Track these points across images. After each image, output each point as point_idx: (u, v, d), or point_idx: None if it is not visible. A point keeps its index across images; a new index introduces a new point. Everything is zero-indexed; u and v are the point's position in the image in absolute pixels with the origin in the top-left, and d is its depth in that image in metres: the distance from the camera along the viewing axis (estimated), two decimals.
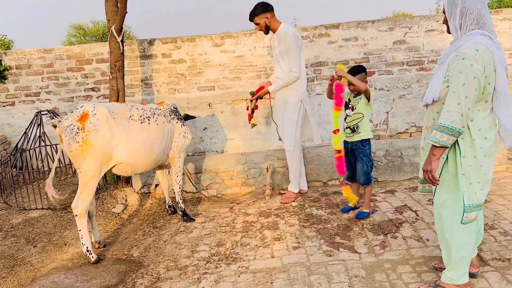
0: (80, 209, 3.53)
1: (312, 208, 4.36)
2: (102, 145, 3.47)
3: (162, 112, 4.09)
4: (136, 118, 3.76)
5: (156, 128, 3.89)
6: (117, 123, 3.58)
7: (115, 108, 3.66)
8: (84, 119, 3.41)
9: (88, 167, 3.47)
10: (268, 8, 4.33)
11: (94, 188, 3.59)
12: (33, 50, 5.95)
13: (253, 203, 4.69)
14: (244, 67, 5.95)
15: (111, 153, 3.57)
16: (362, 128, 3.84)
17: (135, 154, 3.72)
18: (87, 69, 5.97)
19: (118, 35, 4.92)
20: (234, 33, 5.91)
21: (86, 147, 3.39)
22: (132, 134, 3.68)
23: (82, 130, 3.37)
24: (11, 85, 6.00)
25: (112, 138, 3.53)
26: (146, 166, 3.91)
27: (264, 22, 4.34)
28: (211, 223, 4.28)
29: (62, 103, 6.03)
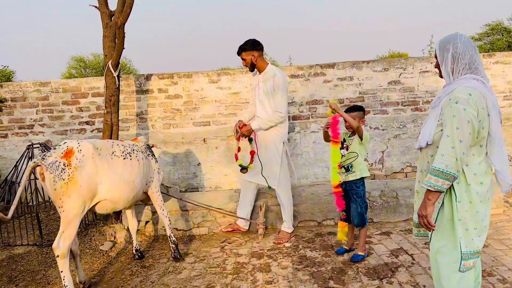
0: (61, 249, 3.35)
1: (306, 250, 4.24)
2: (87, 182, 3.38)
3: (139, 148, 4.06)
4: (118, 154, 3.71)
5: (137, 164, 3.85)
6: (102, 159, 3.52)
7: (99, 144, 3.61)
8: (70, 155, 3.31)
9: (72, 205, 3.33)
10: (257, 47, 4.39)
11: (77, 227, 3.44)
12: (29, 83, 5.96)
13: (245, 242, 4.56)
14: (240, 104, 5.96)
15: (96, 189, 3.48)
16: (356, 167, 3.79)
17: (118, 191, 3.65)
18: (82, 103, 5.96)
19: (114, 70, 4.94)
20: (230, 70, 5.96)
21: (72, 184, 3.28)
22: (115, 170, 3.62)
23: (68, 167, 3.27)
24: (5, 117, 5.97)
25: (97, 175, 3.46)
26: (127, 202, 3.84)
27: (251, 59, 4.39)
28: (201, 263, 4.14)
29: (56, 136, 5.98)
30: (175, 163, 5.97)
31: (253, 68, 4.47)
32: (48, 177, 3.24)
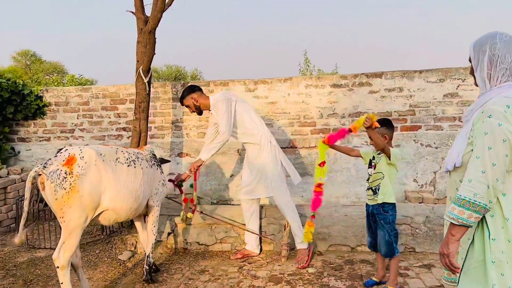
0: (61, 261, 3.21)
1: (331, 278, 3.79)
2: (90, 191, 3.19)
3: (144, 156, 3.82)
4: (122, 161, 3.50)
5: (141, 172, 3.62)
6: (106, 166, 3.32)
7: (102, 150, 3.42)
8: (72, 162, 3.13)
9: (73, 216, 3.16)
10: (194, 89, 4.32)
11: (78, 238, 3.26)
12: (72, 88, 6.09)
13: (267, 264, 4.20)
14: (277, 114, 5.64)
15: (99, 199, 3.29)
16: (381, 190, 3.31)
17: (121, 200, 3.43)
18: (120, 109, 5.97)
19: (145, 76, 4.85)
20: (268, 78, 5.66)
21: (73, 194, 3.10)
22: (119, 177, 3.41)
23: (70, 175, 3.09)
24: (49, 121, 6.14)
25: (101, 183, 3.27)
26: (130, 213, 3.60)
27: (192, 102, 4.29)
28: (214, 283, 3.84)
29: (94, 141, 6.04)
30: (207, 174, 5.77)
31: (200, 110, 4.36)
32: (48, 186, 3.08)
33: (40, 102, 6.03)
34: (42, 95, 6.10)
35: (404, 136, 5.46)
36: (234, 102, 4.20)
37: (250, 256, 4.42)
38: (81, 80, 22.66)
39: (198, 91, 4.30)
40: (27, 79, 19.20)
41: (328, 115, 5.58)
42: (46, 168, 3.10)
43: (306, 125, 5.63)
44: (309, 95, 5.60)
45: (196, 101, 4.27)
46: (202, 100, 4.28)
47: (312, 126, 5.62)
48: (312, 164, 5.58)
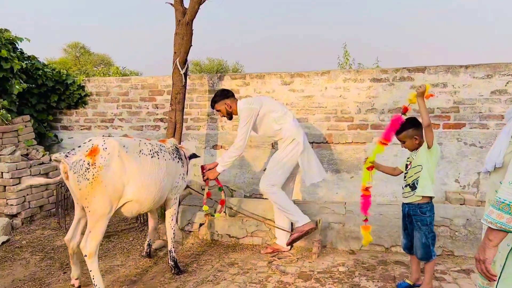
0: (89, 249, 3.28)
1: (362, 278, 3.68)
2: (113, 182, 3.22)
3: (166, 149, 3.84)
4: (146, 153, 3.52)
5: (164, 164, 3.66)
6: (129, 157, 3.34)
7: (125, 141, 3.44)
8: (94, 153, 3.16)
9: (98, 205, 3.21)
10: (228, 95, 4.28)
11: (104, 227, 3.32)
12: (112, 78, 6.23)
13: (297, 260, 4.13)
14: (313, 108, 5.53)
15: (122, 190, 3.32)
16: (420, 183, 3.15)
17: (145, 191, 3.46)
18: (158, 100, 6.05)
19: (181, 68, 4.88)
20: (305, 71, 5.55)
21: (97, 184, 3.14)
22: (144, 169, 3.43)
23: (93, 166, 3.13)
24: (90, 110, 6.32)
25: (124, 174, 3.29)
26: (152, 204, 3.63)
27: (225, 108, 4.28)
28: (243, 276, 3.82)
29: (132, 131, 6.16)
30: (241, 167, 5.75)
31: (231, 116, 4.35)
32: (72, 176, 3.13)
33: (82, 92, 6.22)
34: (84, 85, 6.29)
35: (446, 134, 5.21)
36: (257, 111, 4.14)
37: (280, 251, 4.37)
38: (124, 71, 23.30)
39: (231, 97, 4.28)
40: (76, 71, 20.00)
41: (366, 111, 5.42)
42: (68, 157, 3.13)
43: (343, 120, 5.49)
44: (347, 89, 5.45)
45: (229, 107, 4.26)
46: (235, 106, 4.27)
47: (349, 121, 5.48)
48: (348, 160, 5.44)
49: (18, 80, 5.60)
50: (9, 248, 4.49)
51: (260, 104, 4.18)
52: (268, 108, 4.19)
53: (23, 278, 3.88)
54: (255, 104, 4.16)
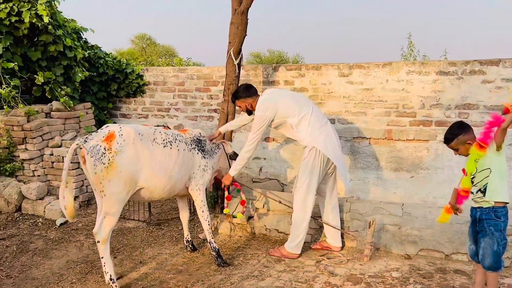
0: (102, 235, 3.34)
1: (417, 286, 3.41)
2: (127, 167, 3.28)
3: (184, 139, 3.81)
4: (159, 142, 3.56)
5: (176, 154, 3.64)
6: (143, 145, 3.40)
7: (141, 129, 3.50)
8: (111, 139, 3.24)
9: (112, 190, 3.27)
10: (250, 92, 4.15)
11: (118, 213, 3.38)
12: (169, 68, 6.30)
13: (347, 262, 3.92)
14: (372, 102, 5.22)
15: (137, 176, 3.37)
16: (488, 188, 2.84)
17: (156, 179, 3.49)
18: (212, 91, 6.04)
19: (235, 58, 4.80)
20: (364, 63, 5.26)
21: (112, 169, 3.20)
22: (155, 157, 3.46)
23: (108, 151, 3.20)
24: (147, 99, 6.45)
25: (138, 161, 3.35)
26: (163, 193, 3.66)
27: (245, 106, 4.18)
28: (289, 274, 3.70)
29: (187, 121, 6.21)
30: (293, 161, 5.59)
31: (251, 112, 4.22)
32: (88, 160, 3.20)
33: (141, 81, 6.35)
34: (142, 74, 6.42)
35: None
36: (269, 118, 3.95)
37: (330, 249, 4.19)
38: (188, 63, 23.85)
39: (253, 95, 4.13)
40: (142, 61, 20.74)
41: (431, 106, 5.02)
42: (86, 142, 3.22)
43: (405, 116, 5.14)
44: (410, 82, 5.09)
45: (250, 105, 4.15)
46: (255, 104, 4.10)
47: (411, 116, 5.11)
48: (408, 159, 5.09)
49: (81, 68, 5.82)
50: (66, 230, 4.69)
51: (274, 111, 3.94)
52: (284, 114, 3.98)
53: (77, 259, 4.03)
54: (269, 111, 3.94)
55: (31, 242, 4.36)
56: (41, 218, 4.95)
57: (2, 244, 4.29)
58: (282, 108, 3.96)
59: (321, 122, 4.05)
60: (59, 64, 5.57)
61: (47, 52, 5.43)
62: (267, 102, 4.00)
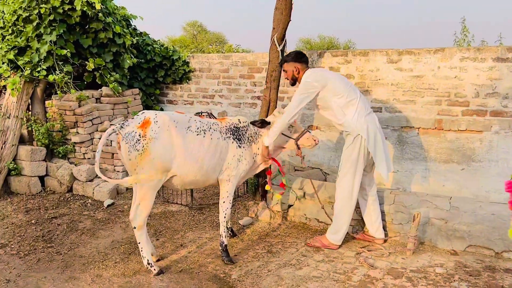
0: (138, 221, 3.40)
1: (462, 284, 3.24)
2: (161, 154, 3.27)
3: (219, 128, 3.68)
4: (193, 130, 3.47)
5: (209, 143, 3.53)
6: (177, 132, 3.36)
7: (176, 117, 3.45)
8: (146, 126, 3.24)
9: (146, 177, 3.29)
10: (301, 59, 3.98)
11: (152, 199, 3.40)
12: (215, 55, 6.33)
13: (389, 255, 3.80)
14: (422, 90, 4.98)
15: (170, 163, 3.35)
16: None
17: (187, 167, 3.43)
18: (256, 77, 6.01)
19: (279, 44, 4.73)
20: (415, 49, 5.01)
21: (146, 156, 3.21)
22: (188, 145, 3.40)
23: (143, 138, 3.21)
24: (193, 86, 6.54)
25: (172, 148, 3.32)
26: (195, 182, 3.59)
27: (292, 71, 3.99)
28: (327, 264, 3.64)
29: (231, 108, 6.23)
30: (337, 150, 5.46)
31: (295, 82, 4.04)
32: (123, 147, 3.24)
33: (187, 68, 6.44)
34: (188, 61, 6.50)
35: None
36: (316, 89, 3.78)
37: (373, 241, 4.07)
38: (237, 50, 23.93)
39: (304, 63, 3.97)
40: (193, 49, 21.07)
41: (486, 95, 4.72)
42: (122, 129, 3.25)
43: (457, 105, 4.86)
44: (464, 69, 4.79)
45: (297, 71, 3.95)
46: (302, 74, 3.92)
47: (464, 106, 4.83)
48: (459, 150, 4.83)
49: (129, 55, 5.98)
50: (113, 211, 4.88)
51: (323, 83, 3.78)
52: (332, 91, 3.80)
53: (121, 240, 4.18)
54: (318, 82, 3.78)
55: (80, 221, 4.58)
56: (90, 199, 5.19)
57: (54, 222, 4.54)
58: (330, 85, 3.81)
59: (367, 110, 3.89)
60: (108, 50, 5.76)
61: (98, 39, 5.62)
62: (318, 72, 3.92)
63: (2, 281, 3.35)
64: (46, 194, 5.35)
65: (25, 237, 4.17)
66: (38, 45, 5.18)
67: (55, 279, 3.40)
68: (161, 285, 3.33)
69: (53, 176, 5.40)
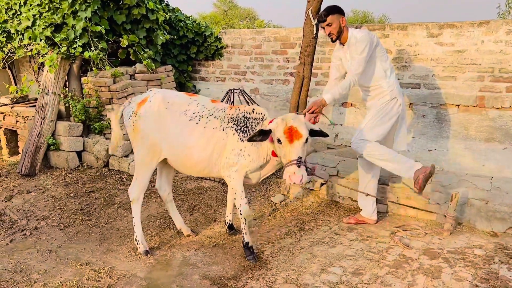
0: (133, 195, 3.44)
1: (503, 266, 3.14)
2: (148, 134, 3.25)
3: (221, 116, 3.26)
4: (188, 114, 3.25)
5: (201, 132, 3.21)
6: (167, 114, 3.23)
7: (173, 98, 3.31)
8: (142, 104, 3.28)
9: (138, 153, 3.35)
10: (343, 12, 3.68)
11: (147, 176, 3.39)
12: (247, 31, 6.24)
13: (425, 235, 3.71)
14: (463, 65, 4.76)
15: (159, 145, 3.29)
16: None
17: (175, 153, 3.30)
18: (289, 53, 5.90)
19: (313, 18, 4.59)
20: (457, 22, 4.77)
21: (136, 133, 3.27)
22: (175, 130, 3.22)
23: (134, 115, 3.27)
24: (225, 62, 6.49)
25: (159, 129, 3.24)
26: (188, 169, 3.40)
27: (339, 23, 3.64)
28: (361, 243, 3.60)
29: (263, 85, 6.17)
30: None
31: (338, 37, 3.70)
32: (125, 121, 3.37)
33: (219, 44, 6.39)
34: (221, 37, 6.44)
35: None
36: (374, 45, 3.61)
37: (365, 223, 3.99)
38: (268, 25, 23.63)
39: (344, 16, 3.69)
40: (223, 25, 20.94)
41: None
42: (129, 104, 3.38)
43: (501, 81, 4.62)
44: (510, 43, 4.53)
45: (344, 24, 3.65)
46: (346, 31, 3.69)
47: (509, 82, 4.59)
48: (502, 128, 4.62)
49: (162, 31, 5.97)
50: (148, 186, 4.95)
51: (377, 42, 3.65)
52: (380, 51, 3.67)
53: (156, 214, 4.27)
54: (374, 41, 3.60)
55: (116, 195, 4.70)
56: (126, 174, 5.30)
57: (91, 196, 4.67)
58: (380, 45, 3.70)
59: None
60: (142, 27, 5.76)
61: (131, 15, 5.63)
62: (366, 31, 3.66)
63: (45, 251, 3.49)
64: (84, 168, 5.51)
65: (65, 209, 4.32)
66: (74, 22, 5.24)
67: (93, 251, 3.52)
68: (195, 259, 3.39)
69: (90, 151, 5.54)
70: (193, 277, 3.10)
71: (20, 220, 4.07)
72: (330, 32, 3.68)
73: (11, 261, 3.30)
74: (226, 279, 3.09)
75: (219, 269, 3.23)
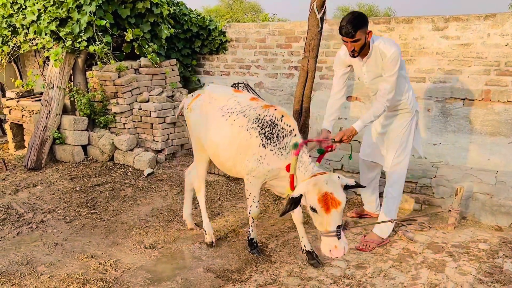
0: (195, 185, 3.71)
1: (507, 260, 3.14)
2: (195, 126, 3.44)
3: (249, 115, 3.06)
4: (224, 110, 3.18)
5: (227, 129, 3.11)
6: (210, 109, 3.29)
7: (217, 94, 3.35)
8: (195, 98, 3.47)
9: (193, 146, 3.62)
10: (368, 21, 3.13)
11: (201, 166, 3.57)
12: (251, 24, 6.22)
13: (428, 229, 3.72)
14: (469, 59, 4.72)
15: (202, 138, 3.41)
16: None
17: (209, 148, 3.33)
18: (294, 47, 5.88)
19: (318, 11, 4.57)
20: (463, 15, 4.72)
21: (188, 125, 3.55)
22: (211, 126, 3.23)
23: (188, 108, 3.49)
24: (229, 56, 6.48)
25: (201, 123, 3.37)
26: (220, 167, 3.41)
27: (365, 39, 3.10)
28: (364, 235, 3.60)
29: (267, 79, 6.16)
30: None
31: (361, 51, 3.19)
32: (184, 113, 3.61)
33: (223, 38, 6.37)
34: (225, 31, 6.43)
35: None
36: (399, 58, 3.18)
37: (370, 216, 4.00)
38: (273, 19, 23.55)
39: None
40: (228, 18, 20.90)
41: None
42: (188, 98, 3.62)
43: (508, 74, 4.58)
44: None
45: (369, 39, 3.16)
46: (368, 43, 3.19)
47: None
48: (508, 122, 4.59)
49: (166, 25, 5.97)
50: (153, 180, 5.00)
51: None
52: (402, 63, 3.27)
53: (161, 208, 4.29)
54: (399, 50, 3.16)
55: (121, 189, 4.73)
56: (131, 168, 5.33)
57: (97, 189, 4.71)
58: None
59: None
60: (146, 21, 5.76)
61: (135, 9, 5.62)
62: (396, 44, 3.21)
63: (51, 244, 3.52)
64: (89, 162, 5.54)
65: (71, 203, 4.36)
66: (79, 16, 5.25)
67: (99, 243, 3.55)
68: (199, 252, 3.41)
69: (95, 145, 5.57)
70: (198, 270, 3.13)
71: (27, 213, 4.11)
72: (354, 49, 3.14)
73: (18, 254, 3.34)
74: (231, 272, 3.11)
75: (224, 262, 3.25)
